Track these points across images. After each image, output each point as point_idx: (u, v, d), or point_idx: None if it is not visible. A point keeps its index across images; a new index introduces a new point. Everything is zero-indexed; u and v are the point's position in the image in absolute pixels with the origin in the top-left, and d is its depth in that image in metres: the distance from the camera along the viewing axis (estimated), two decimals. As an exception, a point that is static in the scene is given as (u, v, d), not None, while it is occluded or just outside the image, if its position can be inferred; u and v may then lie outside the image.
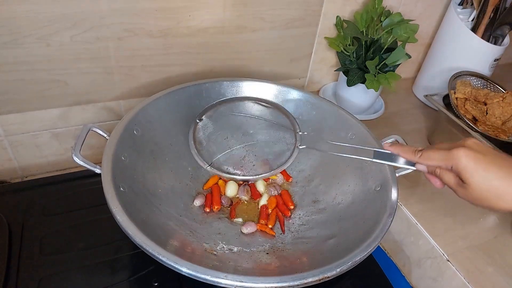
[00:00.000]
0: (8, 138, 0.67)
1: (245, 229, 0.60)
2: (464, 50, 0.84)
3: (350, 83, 0.78)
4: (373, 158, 0.53)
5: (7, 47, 0.58)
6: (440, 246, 0.60)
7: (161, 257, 0.43)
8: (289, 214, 0.64)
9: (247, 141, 0.65)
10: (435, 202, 0.67)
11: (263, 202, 0.65)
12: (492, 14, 0.79)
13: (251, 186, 0.68)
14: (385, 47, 0.77)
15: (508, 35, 0.82)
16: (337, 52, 0.81)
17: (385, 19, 0.77)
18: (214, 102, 0.66)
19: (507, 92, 0.75)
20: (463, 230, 0.63)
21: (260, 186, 0.68)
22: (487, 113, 0.75)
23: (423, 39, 0.95)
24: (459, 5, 0.84)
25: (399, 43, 0.76)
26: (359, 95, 0.82)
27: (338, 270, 0.45)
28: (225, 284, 0.42)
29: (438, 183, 0.49)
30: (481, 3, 0.79)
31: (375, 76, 0.76)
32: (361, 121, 0.67)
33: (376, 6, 0.76)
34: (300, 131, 0.62)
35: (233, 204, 0.64)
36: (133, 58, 0.68)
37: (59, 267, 0.55)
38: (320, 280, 0.44)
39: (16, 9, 0.56)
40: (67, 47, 0.62)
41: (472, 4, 0.82)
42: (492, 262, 0.58)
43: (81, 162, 0.51)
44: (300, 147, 0.61)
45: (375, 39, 0.78)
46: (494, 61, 0.83)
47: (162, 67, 0.71)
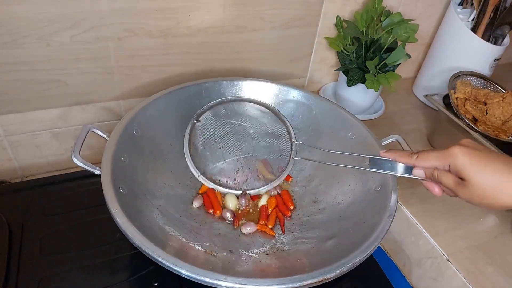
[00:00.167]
0: (8, 138, 0.67)
1: (244, 230, 0.60)
2: (464, 50, 0.84)
3: (350, 83, 0.78)
4: (369, 167, 0.52)
5: (7, 47, 0.58)
6: (440, 246, 0.60)
7: (160, 259, 0.43)
8: (289, 214, 0.64)
9: (243, 153, 0.64)
10: (435, 202, 0.67)
11: (262, 202, 0.65)
12: (492, 14, 0.79)
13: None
14: (385, 47, 0.77)
15: (508, 35, 0.82)
16: (337, 52, 0.81)
17: (385, 19, 0.76)
18: (211, 103, 0.65)
19: (507, 92, 0.75)
20: (463, 230, 0.63)
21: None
22: (487, 113, 0.75)
23: (423, 39, 0.95)
24: (459, 5, 0.84)
25: (399, 43, 0.76)
26: (359, 95, 0.82)
27: (338, 271, 0.45)
28: (225, 286, 0.42)
29: (436, 190, 0.49)
30: (481, 3, 0.79)
31: (375, 76, 0.76)
32: (361, 121, 0.67)
33: (376, 6, 0.76)
34: (295, 140, 0.61)
35: (236, 216, 0.62)
36: (133, 58, 0.68)
37: (59, 267, 0.55)
38: (319, 282, 0.44)
39: (16, 9, 0.56)
40: (67, 47, 0.62)
41: (472, 4, 0.82)
42: (492, 262, 0.58)
43: (81, 164, 0.51)
44: (296, 158, 0.60)
45: (375, 39, 0.78)
46: (494, 61, 0.83)
47: (162, 67, 0.71)
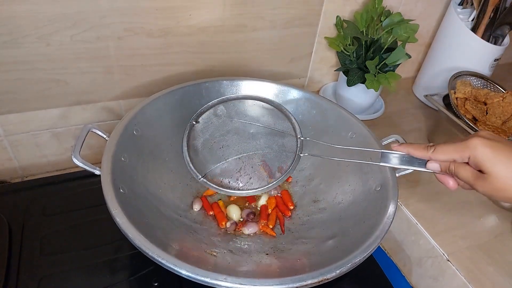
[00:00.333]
0: (8, 138, 0.67)
1: (247, 230, 0.60)
2: (464, 50, 0.84)
3: (350, 83, 0.78)
4: (381, 162, 0.50)
5: (7, 47, 0.58)
6: (440, 246, 0.60)
7: (160, 260, 0.43)
8: (289, 214, 0.64)
9: (244, 151, 0.61)
10: (435, 202, 0.67)
11: (262, 202, 0.65)
12: (492, 14, 0.79)
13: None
14: (385, 47, 0.77)
15: (508, 35, 0.82)
16: (337, 52, 0.81)
17: (385, 19, 0.76)
18: (211, 103, 0.62)
19: (507, 92, 0.75)
20: (463, 230, 0.63)
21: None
22: (487, 113, 0.75)
23: (423, 39, 0.95)
24: (459, 5, 0.84)
25: (399, 43, 0.76)
26: (359, 95, 0.82)
27: (338, 271, 0.45)
28: (225, 286, 0.42)
29: (451, 183, 0.47)
30: (481, 3, 0.79)
31: (375, 76, 0.76)
32: (361, 121, 0.67)
33: (376, 6, 0.76)
34: (301, 136, 0.57)
35: (238, 225, 0.62)
36: (133, 57, 0.68)
37: (59, 267, 0.55)
38: (319, 282, 0.44)
39: (16, 9, 0.56)
40: (67, 46, 0.62)
41: (472, 4, 0.82)
42: (492, 261, 0.58)
43: (81, 164, 0.50)
44: (302, 154, 0.56)
45: (375, 39, 0.78)
46: (494, 61, 0.83)
47: (162, 66, 0.71)
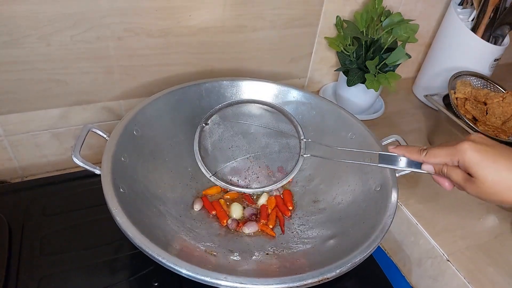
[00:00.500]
0: (8, 138, 0.67)
1: (247, 230, 0.60)
2: (464, 50, 0.84)
3: (350, 83, 0.78)
4: (379, 163, 0.52)
5: (7, 47, 0.58)
6: (440, 246, 0.60)
7: (160, 259, 0.43)
8: (289, 214, 0.64)
9: (252, 151, 0.64)
10: (435, 202, 0.67)
11: (262, 201, 0.65)
12: (492, 14, 0.79)
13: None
14: (385, 47, 0.77)
15: (508, 35, 0.82)
16: (337, 52, 0.81)
17: (385, 19, 0.76)
18: (219, 106, 0.64)
19: (507, 92, 0.75)
20: (463, 230, 0.63)
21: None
22: (487, 113, 0.75)
23: (423, 39, 0.95)
24: (459, 5, 0.84)
25: (399, 43, 0.76)
26: (359, 95, 0.82)
27: (338, 271, 0.45)
28: (225, 286, 0.42)
29: (446, 184, 0.48)
30: (481, 3, 0.79)
31: (375, 76, 0.76)
32: (361, 121, 0.67)
33: (376, 6, 0.76)
34: (304, 138, 0.60)
35: (239, 224, 0.62)
36: (133, 57, 0.68)
37: (59, 267, 0.55)
38: (319, 281, 0.44)
39: (16, 9, 0.56)
40: (67, 46, 0.62)
41: (472, 4, 0.82)
42: (492, 262, 0.58)
43: (81, 163, 0.51)
44: (305, 155, 0.58)
45: (375, 39, 0.78)
46: (494, 61, 0.83)
47: (162, 66, 0.71)
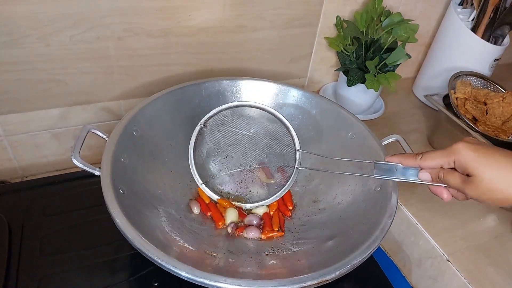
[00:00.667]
0: (8, 138, 0.67)
1: (246, 234, 0.60)
2: (464, 50, 0.84)
3: (350, 83, 0.78)
4: (375, 174, 0.51)
5: (7, 47, 0.58)
6: (440, 246, 0.60)
7: (160, 261, 0.43)
8: (289, 214, 0.64)
9: (247, 164, 0.63)
10: (435, 202, 0.66)
11: (264, 209, 0.64)
12: (492, 14, 0.79)
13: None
14: (385, 47, 0.77)
15: (508, 35, 0.82)
16: (337, 52, 0.81)
17: (385, 19, 0.76)
18: (218, 109, 0.63)
19: (507, 92, 0.75)
20: (463, 230, 0.63)
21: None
22: (487, 113, 0.75)
23: (423, 39, 0.95)
24: (459, 5, 0.84)
25: (399, 43, 0.76)
26: (359, 95, 0.82)
27: (338, 273, 0.45)
28: None
29: (445, 195, 0.48)
30: (481, 3, 0.79)
31: (375, 76, 0.76)
32: (361, 121, 0.67)
33: (376, 6, 0.76)
34: (300, 149, 0.60)
35: (238, 228, 0.61)
36: (133, 57, 0.68)
37: (59, 267, 0.55)
38: (319, 283, 0.44)
39: (16, 9, 0.56)
40: (67, 46, 0.62)
41: (472, 4, 0.82)
42: (492, 262, 0.58)
43: (80, 164, 0.50)
44: (300, 168, 0.58)
45: (375, 39, 0.78)
46: (494, 61, 0.83)
47: (162, 66, 0.71)
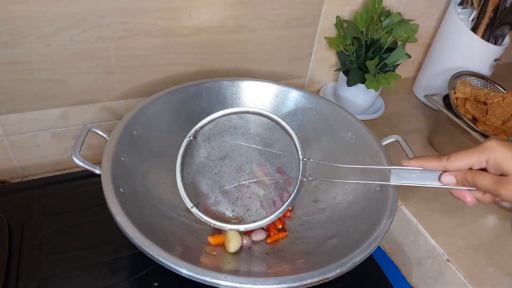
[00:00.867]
0: (8, 138, 0.67)
1: (254, 237, 0.59)
2: (464, 50, 0.84)
3: (350, 83, 0.78)
4: (391, 181, 0.48)
5: (7, 47, 0.58)
6: (440, 246, 0.60)
7: (160, 259, 0.43)
8: (288, 214, 0.64)
9: (243, 179, 0.57)
10: (435, 202, 0.67)
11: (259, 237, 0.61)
12: (492, 14, 0.79)
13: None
14: (385, 47, 0.77)
15: (508, 35, 0.82)
16: (337, 52, 0.81)
17: (385, 19, 0.76)
18: (211, 116, 0.57)
19: (507, 92, 0.75)
20: (463, 230, 0.63)
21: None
22: (487, 113, 0.75)
23: (423, 39, 0.95)
24: (459, 5, 0.84)
25: (399, 43, 0.76)
26: (359, 95, 0.82)
27: (338, 271, 0.45)
28: (225, 286, 0.42)
29: (468, 198, 0.45)
30: (481, 3, 0.79)
31: (375, 76, 0.76)
32: (361, 121, 0.67)
33: (376, 6, 0.76)
34: (304, 157, 0.53)
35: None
36: (133, 58, 0.68)
37: (59, 267, 0.55)
38: (319, 281, 0.44)
39: (16, 8, 0.56)
40: (67, 46, 0.62)
41: (472, 4, 0.82)
42: (492, 262, 0.58)
43: (81, 163, 0.51)
44: (305, 179, 0.52)
45: (375, 39, 0.78)
46: (494, 61, 0.83)
47: (162, 66, 0.71)
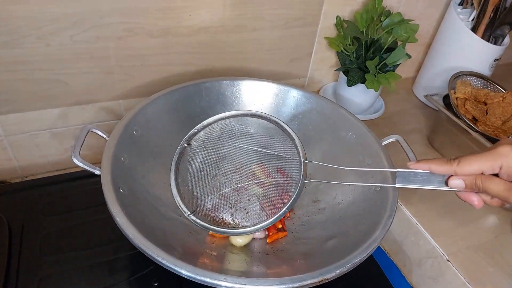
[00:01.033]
0: (8, 138, 0.67)
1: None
2: (464, 50, 0.84)
3: (350, 83, 0.78)
4: (396, 183, 0.47)
5: (7, 47, 0.58)
6: (440, 246, 0.60)
7: (160, 260, 0.43)
8: (288, 214, 0.64)
9: (240, 181, 0.55)
10: (435, 202, 0.67)
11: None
12: (492, 14, 0.79)
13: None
14: (385, 47, 0.77)
15: (508, 35, 0.82)
16: (337, 52, 0.81)
17: (385, 19, 0.76)
18: (206, 121, 0.57)
19: (507, 92, 0.75)
20: (463, 230, 0.63)
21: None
22: (487, 113, 0.75)
23: (423, 39, 0.95)
24: (459, 5, 0.84)
25: (399, 43, 0.76)
26: (359, 95, 0.82)
27: (338, 272, 0.45)
28: (225, 286, 0.42)
29: (476, 201, 0.44)
30: (481, 3, 0.79)
31: (375, 76, 0.76)
32: (361, 121, 0.67)
33: (376, 6, 0.76)
34: (306, 160, 0.52)
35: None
36: (133, 57, 0.68)
37: (59, 267, 0.55)
38: (319, 282, 0.44)
39: (16, 9, 0.56)
40: (67, 46, 0.62)
41: (472, 4, 0.82)
42: (493, 262, 0.58)
43: (81, 164, 0.50)
44: (306, 181, 0.51)
45: (375, 39, 0.78)
46: (494, 61, 0.83)
47: (162, 66, 0.71)
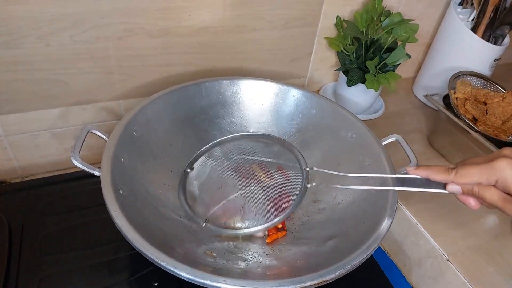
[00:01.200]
0: (8, 138, 0.67)
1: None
2: (464, 50, 0.84)
3: (350, 83, 0.78)
4: (396, 186, 0.49)
5: (7, 47, 0.58)
6: (440, 246, 0.60)
7: (160, 262, 0.43)
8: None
9: (245, 186, 0.58)
10: (435, 202, 0.66)
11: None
12: (492, 14, 0.79)
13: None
14: (385, 47, 0.77)
15: (508, 35, 0.82)
16: (337, 52, 0.81)
17: (385, 19, 0.76)
18: (205, 147, 0.60)
19: (507, 92, 0.75)
20: (463, 230, 0.63)
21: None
22: (487, 113, 0.75)
23: (423, 39, 0.95)
24: (459, 5, 0.84)
25: (399, 43, 0.76)
26: (359, 95, 0.82)
27: (337, 273, 0.45)
28: None
29: (472, 203, 0.45)
30: (481, 3, 0.79)
31: (375, 76, 0.76)
32: (361, 120, 0.67)
33: (376, 6, 0.76)
34: (307, 167, 0.56)
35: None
36: (133, 58, 0.68)
37: (59, 267, 0.55)
38: (319, 283, 0.44)
39: (16, 9, 0.56)
40: (67, 46, 0.62)
41: (472, 4, 0.82)
42: (493, 262, 0.58)
43: (80, 165, 0.50)
44: (309, 185, 0.54)
45: (375, 39, 0.78)
46: (494, 61, 0.83)
47: (162, 66, 0.71)
